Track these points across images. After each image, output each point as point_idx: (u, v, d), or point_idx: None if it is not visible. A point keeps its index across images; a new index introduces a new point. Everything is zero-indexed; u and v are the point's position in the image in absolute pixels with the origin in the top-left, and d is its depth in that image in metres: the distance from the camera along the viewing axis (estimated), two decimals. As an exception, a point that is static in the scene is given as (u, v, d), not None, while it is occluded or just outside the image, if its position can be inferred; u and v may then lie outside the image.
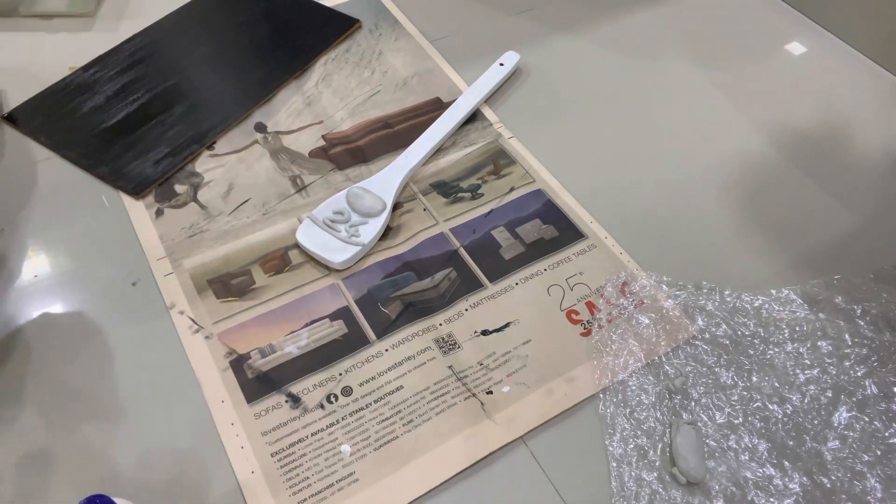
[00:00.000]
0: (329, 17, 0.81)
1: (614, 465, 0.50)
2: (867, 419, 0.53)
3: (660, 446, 0.51)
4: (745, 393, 0.54)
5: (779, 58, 0.83)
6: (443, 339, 0.56)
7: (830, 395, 0.54)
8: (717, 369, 0.55)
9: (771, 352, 0.56)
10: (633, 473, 0.49)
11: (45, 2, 0.78)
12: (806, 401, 0.54)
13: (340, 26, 0.80)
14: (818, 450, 0.51)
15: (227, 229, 0.62)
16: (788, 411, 0.53)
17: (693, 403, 0.53)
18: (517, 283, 0.60)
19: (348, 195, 0.62)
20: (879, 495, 0.49)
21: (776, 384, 0.54)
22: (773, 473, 0.50)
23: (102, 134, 0.67)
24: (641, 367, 0.54)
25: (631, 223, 0.64)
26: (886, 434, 0.52)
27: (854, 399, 0.54)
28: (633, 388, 0.53)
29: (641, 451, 0.51)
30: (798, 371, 0.55)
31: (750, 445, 0.51)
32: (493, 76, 0.75)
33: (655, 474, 0.50)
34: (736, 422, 0.52)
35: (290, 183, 0.66)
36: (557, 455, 0.51)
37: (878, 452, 0.51)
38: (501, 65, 0.76)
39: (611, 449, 0.50)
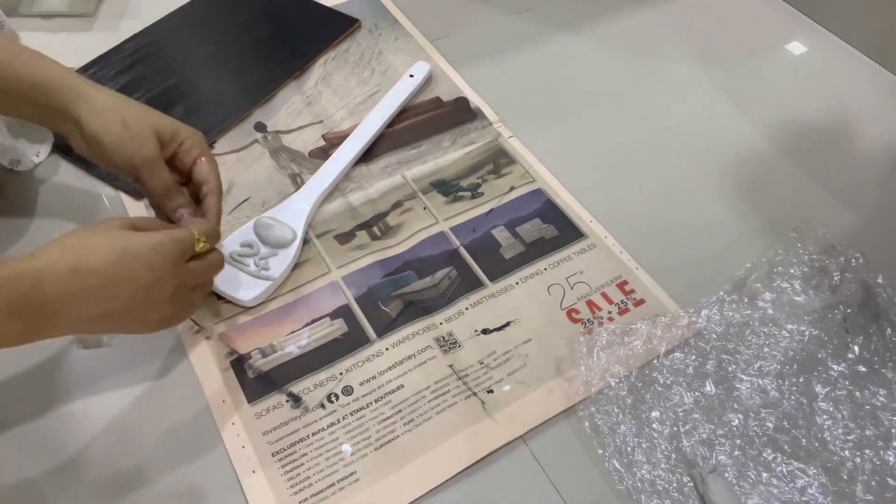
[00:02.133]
0: (329, 17, 0.81)
1: (615, 464, 0.50)
2: (867, 413, 0.53)
3: (661, 446, 0.51)
4: (748, 391, 0.54)
5: (779, 57, 0.83)
6: (443, 337, 0.56)
7: (834, 392, 0.54)
8: (717, 369, 0.55)
9: (772, 351, 0.56)
10: (633, 472, 0.49)
11: (46, 2, 0.79)
12: (806, 399, 0.54)
13: (340, 26, 0.80)
14: (823, 445, 0.51)
15: (227, 228, 0.61)
16: (790, 410, 0.53)
17: (696, 407, 0.53)
18: (517, 283, 0.60)
19: (256, 225, 0.59)
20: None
21: (778, 384, 0.54)
22: (793, 469, 0.50)
23: (102, 134, 0.67)
24: (641, 366, 0.54)
25: (631, 222, 0.64)
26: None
27: (862, 394, 0.54)
28: (634, 386, 0.53)
29: (642, 450, 0.50)
30: (799, 370, 0.55)
31: (762, 450, 0.51)
32: (403, 89, 0.72)
33: (656, 473, 0.49)
34: (735, 423, 0.52)
35: (289, 181, 0.66)
36: (558, 454, 0.51)
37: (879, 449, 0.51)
38: (412, 76, 0.74)
39: (611, 448, 0.50)
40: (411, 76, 0.74)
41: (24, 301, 0.39)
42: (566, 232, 0.63)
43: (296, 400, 0.52)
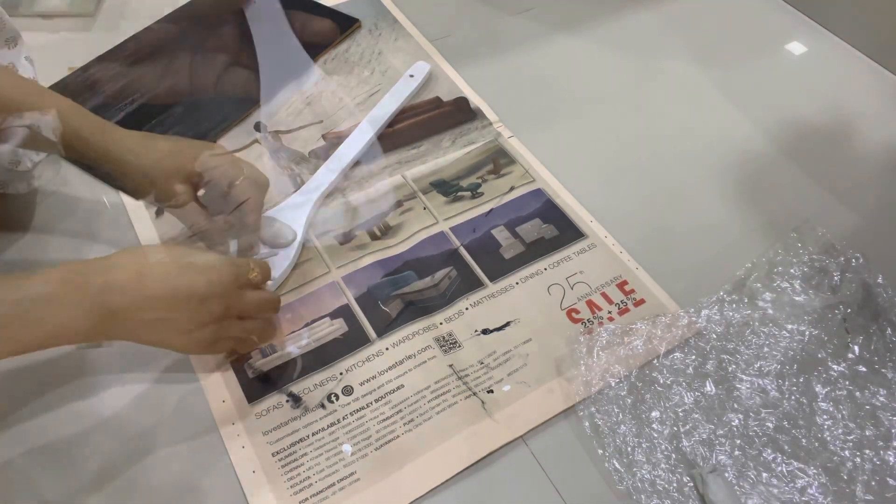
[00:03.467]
0: (329, 17, 0.81)
1: (615, 464, 0.50)
2: (867, 413, 0.53)
3: (661, 446, 0.51)
4: (748, 391, 0.54)
5: (779, 57, 0.83)
6: (443, 337, 0.56)
7: (834, 392, 0.54)
8: (717, 369, 0.55)
9: (772, 351, 0.56)
10: (633, 472, 0.49)
11: (46, 1, 0.79)
12: (806, 399, 0.54)
13: (340, 26, 0.80)
14: (823, 445, 0.51)
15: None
16: (790, 410, 0.53)
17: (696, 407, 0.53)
18: (517, 283, 0.60)
19: None
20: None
21: (778, 384, 0.54)
22: (793, 469, 0.50)
23: (102, 134, 0.67)
24: (641, 366, 0.54)
25: (631, 222, 0.64)
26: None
27: (862, 394, 0.54)
28: (634, 386, 0.53)
29: (642, 450, 0.50)
30: (799, 370, 0.55)
31: (762, 451, 0.51)
32: (403, 89, 0.72)
33: (656, 473, 0.49)
34: (735, 423, 0.52)
35: (289, 181, 0.66)
36: (558, 454, 0.51)
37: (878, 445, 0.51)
38: (412, 76, 0.74)
39: (611, 448, 0.50)
40: (411, 76, 0.73)
41: (95, 297, 0.43)
42: (566, 232, 0.63)
43: (296, 400, 0.52)
